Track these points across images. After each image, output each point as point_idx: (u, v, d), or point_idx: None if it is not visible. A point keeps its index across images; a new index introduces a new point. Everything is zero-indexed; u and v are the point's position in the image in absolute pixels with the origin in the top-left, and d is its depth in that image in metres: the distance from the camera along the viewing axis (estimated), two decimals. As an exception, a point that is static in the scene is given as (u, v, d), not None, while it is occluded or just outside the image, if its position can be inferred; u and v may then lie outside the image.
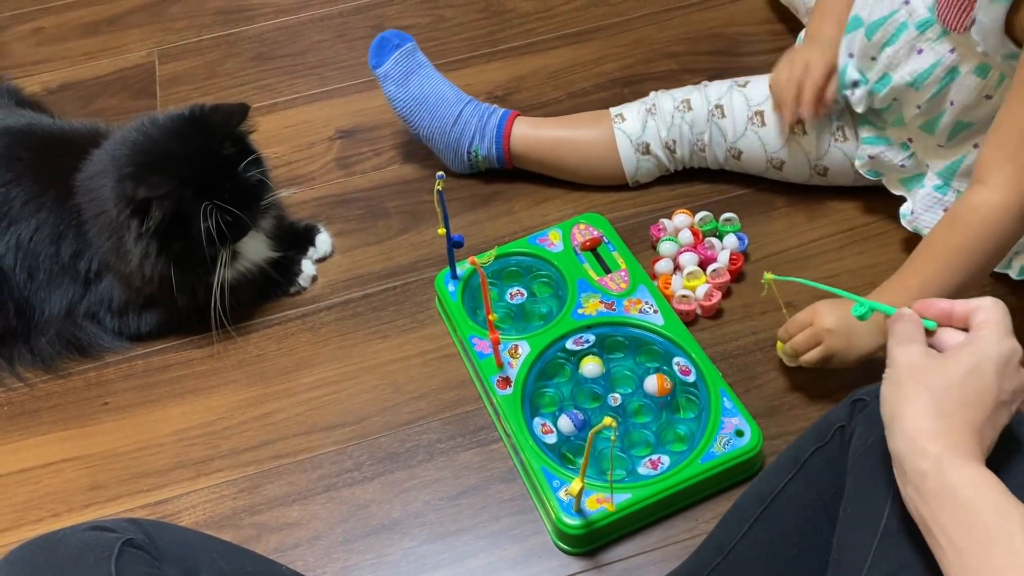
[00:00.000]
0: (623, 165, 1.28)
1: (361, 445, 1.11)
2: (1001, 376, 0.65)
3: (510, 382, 1.08)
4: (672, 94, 1.27)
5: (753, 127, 1.23)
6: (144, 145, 1.10)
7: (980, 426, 0.64)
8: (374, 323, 1.22)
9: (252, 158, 1.12)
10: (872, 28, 1.11)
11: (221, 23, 1.63)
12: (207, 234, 1.06)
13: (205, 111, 1.12)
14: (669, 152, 1.28)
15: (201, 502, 1.08)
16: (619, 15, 1.57)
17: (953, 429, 0.63)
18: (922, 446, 0.63)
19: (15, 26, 1.66)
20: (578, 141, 1.29)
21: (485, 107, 1.31)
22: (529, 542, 1.02)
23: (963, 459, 0.62)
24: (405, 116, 1.32)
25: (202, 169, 1.08)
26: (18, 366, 1.19)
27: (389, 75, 1.30)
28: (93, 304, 1.19)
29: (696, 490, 1.01)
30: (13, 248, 1.15)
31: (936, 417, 0.64)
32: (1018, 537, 0.58)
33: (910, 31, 1.07)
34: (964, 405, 0.64)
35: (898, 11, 1.08)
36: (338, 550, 1.03)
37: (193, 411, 1.16)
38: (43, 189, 1.16)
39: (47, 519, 1.08)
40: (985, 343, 0.66)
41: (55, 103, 1.49)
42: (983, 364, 0.65)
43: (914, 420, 0.64)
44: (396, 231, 1.32)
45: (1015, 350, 0.66)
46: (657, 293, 1.15)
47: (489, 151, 1.30)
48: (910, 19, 1.07)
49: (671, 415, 1.07)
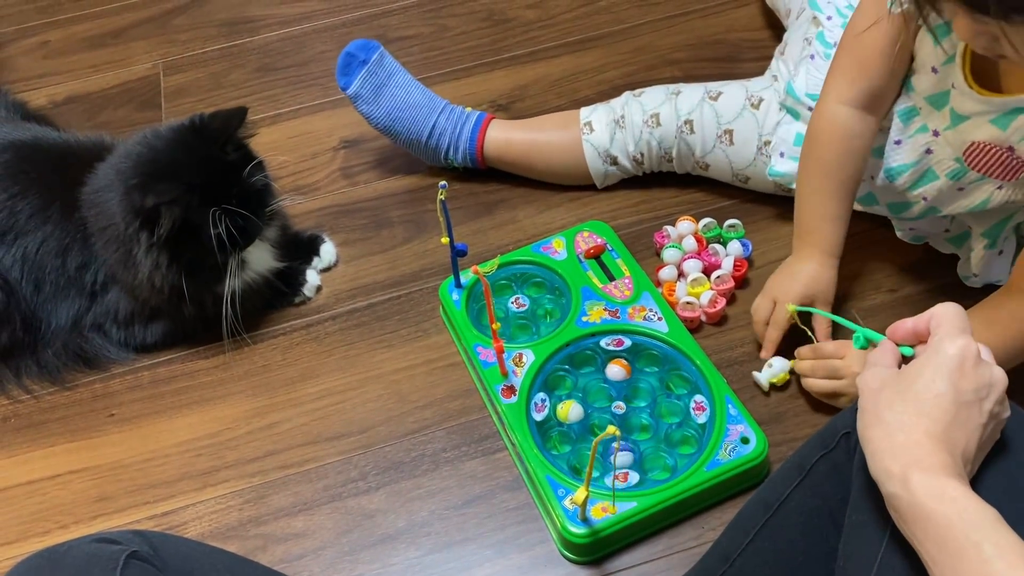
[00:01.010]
0: (591, 172, 1.30)
1: (366, 455, 1.11)
2: (957, 378, 0.64)
3: (515, 391, 1.08)
4: (642, 103, 1.26)
5: (721, 145, 1.23)
6: (148, 156, 1.10)
7: (941, 434, 0.63)
8: (378, 332, 1.22)
9: (256, 162, 1.12)
10: (894, 172, 1.08)
11: (225, 35, 1.64)
12: (218, 240, 1.06)
13: (204, 118, 1.13)
14: (637, 163, 1.29)
15: (207, 513, 1.08)
16: (621, 22, 1.57)
17: (912, 443, 0.63)
18: (887, 467, 0.63)
19: (21, 40, 1.67)
20: (546, 145, 1.31)
21: (459, 112, 1.32)
22: (535, 551, 1.02)
23: (927, 473, 0.61)
24: (381, 131, 1.33)
25: (207, 175, 1.08)
26: (25, 378, 1.20)
27: (359, 95, 1.30)
28: (99, 316, 1.20)
29: (702, 498, 1.01)
30: (20, 261, 1.16)
31: (895, 434, 0.64)
32: (987, 547, 0.58)
33: (942, 180, 1.04)
34: (920, 416, 0.64)
35: (920, 160, 1.05)
36: (344, 560, 1.03)
37: (199, 422, 1.16)
38: (49, 202, 1.16)
39: (54, 531, 1.08)
40: (934, 349, 0.66)
41: (61, 116, 1.50)
42: (934, 370, 0.65)
43: (878, 443, 0.64)
44: (400, 240, 1.32)
45: (966, 347, 0.65)
46: (661, 300, 1.15)
47: (464, 160, 1.32)
48: (938, 168, 1.04)
49: (668, 447, 1.05)
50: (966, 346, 0.66)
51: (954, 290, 1.17)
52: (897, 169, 1.08)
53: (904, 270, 1.22)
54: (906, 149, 1.07)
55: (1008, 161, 0.97)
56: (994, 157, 0.98)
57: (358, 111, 1.32)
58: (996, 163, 0.98)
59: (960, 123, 0.99)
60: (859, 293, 1.20)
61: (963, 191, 1.05)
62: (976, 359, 0.66)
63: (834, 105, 1.07)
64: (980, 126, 0.97)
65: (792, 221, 1.14)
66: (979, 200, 1.04)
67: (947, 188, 1.05)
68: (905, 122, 1.06)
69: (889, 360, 0.70)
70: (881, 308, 1.19)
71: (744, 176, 1.25)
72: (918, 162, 1.06)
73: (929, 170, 1.05)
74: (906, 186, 1.09)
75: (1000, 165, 0.98)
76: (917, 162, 1.06)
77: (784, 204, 1.29)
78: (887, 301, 1.19)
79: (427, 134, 1.31)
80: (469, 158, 1.32)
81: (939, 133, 1.02)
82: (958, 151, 1.00)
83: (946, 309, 0.69)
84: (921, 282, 1.21)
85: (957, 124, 0.99)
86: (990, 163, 0.99)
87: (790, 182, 1.20)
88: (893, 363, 0.70)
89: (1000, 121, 0.95)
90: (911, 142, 1.06)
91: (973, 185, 1.03)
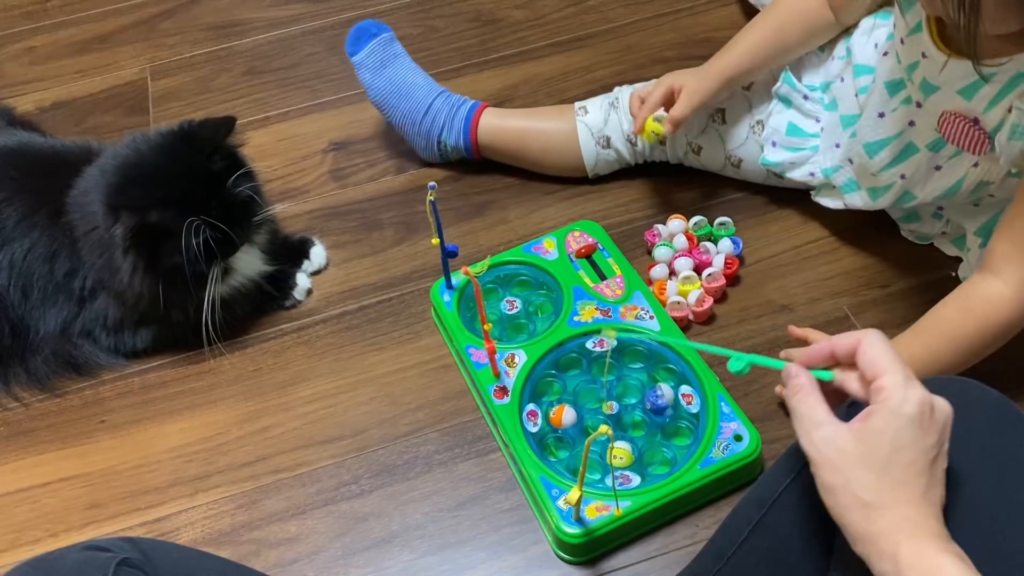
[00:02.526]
0: (583, 156, 1.29)
1: (359, 458, 1.10)
2: (921, 436, 0.62)
3: (507, 391, 1.07)
4: (635, 88, 1.28)
5: (714, 124, 1.24)
6: (132, 160, 1.10)
7: (921, 499, 0.62)
8: (370, 335, 1.22)
9: (242, 172, 1.11)
10: (873, 147, 1.08)
11: (213, 38, 1.63)
12: (195, 251, 1.05)
13: (193, 126, 1.12)
14: (630, 145, 1.29)
15: (200, 518, 1.07)
16: (609, 22, 1.57)
17: (900, 518, 0.61)
18: (879, 550, 0.61)
19: (7, 46, 1.66)
20: (541, 131, 1.31)
21: (456, 98, 1.33)
22: (529, 552, 1.02)
23: (915, 541, 0.60)
24: (378, 104, 1.34)
25: (188, 184, 1.07)
26: (14, 386, 1.19)
27: (364, 63, 1.33)
28: (88, 322, 1.19)
29: (696, 496, 1.01)
30: (7, 268, 1.15)
31: (882, 517, 0.61)
32: None
33: (922, 152, 1.05)
34: (898, 491, 0.62)
35: (903, 132, 1.06)
36: (337, 564, 1.03)
37: (190, 427, 1.15)
38: (36, 208, 1.16)
39: (44, 539, 1.07)
40: (892, 412, 0.62)
41: (48, 122, 1.49)
42: (898, 435, 0.62)
43: (862, 526, 0.62)
44: (391, 242, 1.32)
45: (921, 401, 0.63)
46: (653, 299, 1.15)
47: (457, 141, 1.32)
48: (919, 140, 1.04)
49: (664, 439, 1.06)
50: (921, 399, 0.63)
51: (944, 285, 1.17)
52: (877, 143, 1.08)
53: (896, 266, 1.22)
54: (888, 122, 1.07)
55: (973, 133, 0.97)
56: (961, 128, 0.98)
57: (360, 80, 1.34)
58: (963, 135, 0.98)
59: (931, 93, 0.99)
60: (851, 289, 1.20)
61: (940, 170, 1.05)
62: (930, 406, 0.63)
63: None
64: (949, 97, 0.97)
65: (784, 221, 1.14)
66: (955, 179, 1.04)
67: (925, 162, 1.05)
68: (892, 93, 1.06)
69: (823, 406, 0.66)
70: (873, 304, 1.19)
71: (737, 159, 1.25)
72: (900, 135, 1.06)
73: (909, 143, 1.06)
74: (884, 163, 1.08)
75: (967, 137, 0.98)
76: (899, 134, 1.06)
77: (774, 200, 1.29)
78: (879, 297, 1.20)
79: (423, 112, 1.32)
80: (463, 140, 1.32)
81: (921, 104, 1.02)
82: (934, 121, 1.01)
83: (874, 345, 0.65)
84: (913, 278, 1.21)
85: (929, 94, 1.00)
86: (959, 134, 0.99)
87: (783, 171, 1.21)
88: (825, 408, 0.66)
89: (966, 91, 0.95)
90: (894, 116, 1.06)
91: (949, 161, 1.03)
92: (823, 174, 1.18)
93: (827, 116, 1.18)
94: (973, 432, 0.69)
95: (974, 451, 0.68)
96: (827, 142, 1.18)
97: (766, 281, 1.22)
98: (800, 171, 1.21)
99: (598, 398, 1.08)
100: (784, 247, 1.25)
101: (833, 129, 1.17)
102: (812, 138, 1.20)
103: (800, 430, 0.67)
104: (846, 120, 1.14)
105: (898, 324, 1.14)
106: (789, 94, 1.20)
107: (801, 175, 1.21)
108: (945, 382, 0.72)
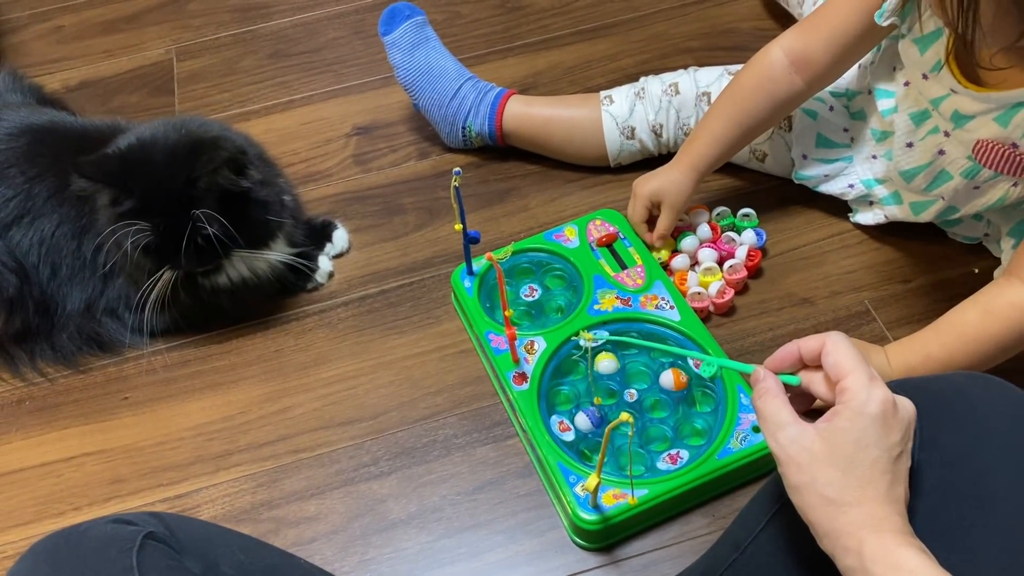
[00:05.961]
0: (606, 146, 1.29)
1: (378, 440, 1.11)
2: (885, 435, 0.63)
3: (526, 378, 1.08)
4: (661, 78, 1.28)
5: (780, 131, 1.23)
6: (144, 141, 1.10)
7: (885, 496, 0.62)
8: (391, 319, 1.23)
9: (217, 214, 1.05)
10: (909, 174, 1.08)
11: (238, 20, 1.64)
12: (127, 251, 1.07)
13: (204, 141, 1.09)
14: (655, 136, 1.28)
15: (220, 496, 1.09)
16: (635, 10, 1.57)
17: (864, 515, 0.62)
18: (844, 545, 0.62)
19: (35, 24, 1.68)
20: (566, 120, 1.31)
21: (484, 85, 1.34)
22: (546, 537, 1.03)
23: (879, 535, 0.61)
24: (407, 85, 1.35)
25: (157, 187, 1.06)
26: (39, 361, 1.21)
27: (396, 43, 1.33)
28: (112, 300, 1.20)
29: (713, 486, 1.01)
30: (37, 244, 1.16)
31: (845, 514, 0.62)
32: None
33: (957, 179, 1.04)
34: (864, 488, 0.62)
35: (934, 161, 1.05)
36: (355, 544, 1.04)
37: (212, 406, 1.16)
38: (65, 185, 1.16)
39: (68, 512, 1.09)
40: (856, 411, 0.64)
41: (75, 101, 1.50)
42: (862, 434, 0.63)
43: (828, 524, 0.63)
44: (412, 227, 1.32)
45: (884, 399, 0.64)
46: (674, 289, 1.15)
47: (482, 127, 1.33)
48: (952, 168, 1.04)
49: (688, 409, 1.07)
50: (884, 398, 0.64)
51: (966, 282, 1.17)
52: (911, 171, 1.09)
53: (918, 261, 1.22)
54: (918, 152, 1.07)
55: (1013, 158, 0.97)
56: (1000, 154, 0.98)
57: (390, 60, 1.34)
58: (1003, 160, 0.98)
59: (965, 123, 0.99)
60: (873, 283, 1.20)
61: (979, 189, 1.05)
62: (894, 405, 0.64)
63: (774, 46, 1.10)
64: (984, 124, 0.97)
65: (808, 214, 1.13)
66: (996, 198, 1.04)
67: (963, 187, 1.05)
68: (917, 124, 1.06)
69: (788, 408, 0.67)
70: (894, 298, 1.19)
71: (762, 152, 1.25)
72: (931, 163, 1.06)
73: (943, 171, 1.05)
74: (922, 187, 1.09)
75: (1007, 161, 0.98)
76: (930, 163, 1.06)
77: (797, 194, 1.29)
78: (900, 292, 1.19)
79: (451, 96, 1.32)
80: (487, 125, 1.32)
81: (949, 134, 1.02)
82: (968, 149, 1.01)
83: (838, 346, 0.66)
84: (934, 274, 1.21)
85: (962, 124, 0.99)
86: (997, 160, 0.99)
87: (817, 184, 1.21)
88: (791, 411, 0.67)
89: (1001, 119, 0.96)
90: (923, 144, 1.06)
91: (988, 183, 1.03)
92: (864, 185, 1.18)
93: (855, 126, 1.18)
94: (997, 427, 0.69)
95: (997, 446, 0.68)
96: (862, 154, 1.18)
97: (788, 274, 1.22)
98: (836, 184, 1.21)
99: (609, 391, 1.08)
100: (807, 240, 1.25)
101: (866, 141, 1.17)
102: (844, 148, 1.20)
103: (766, 431, 0.68)
104: (876, 134, 1.14)
105: (918, 319, 1.14)
106: (812, 105, 1.19)
107: (839, 188, 1.21)
108: (966, 378, 0.72)
